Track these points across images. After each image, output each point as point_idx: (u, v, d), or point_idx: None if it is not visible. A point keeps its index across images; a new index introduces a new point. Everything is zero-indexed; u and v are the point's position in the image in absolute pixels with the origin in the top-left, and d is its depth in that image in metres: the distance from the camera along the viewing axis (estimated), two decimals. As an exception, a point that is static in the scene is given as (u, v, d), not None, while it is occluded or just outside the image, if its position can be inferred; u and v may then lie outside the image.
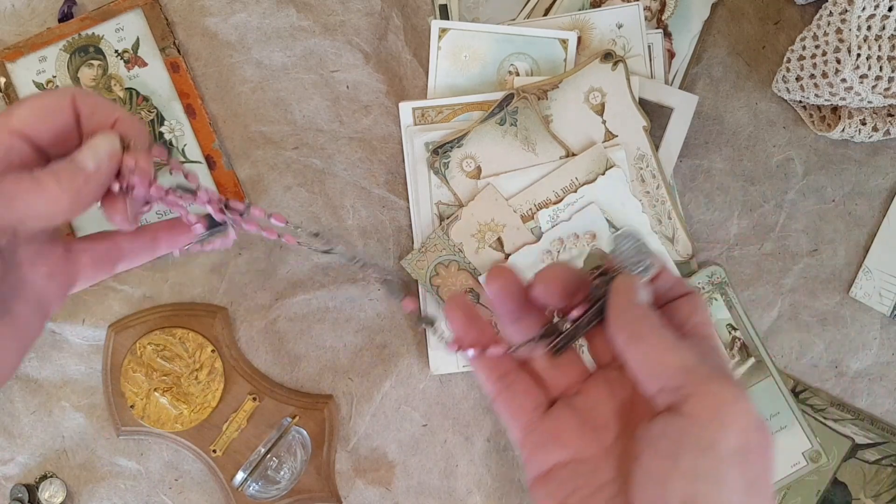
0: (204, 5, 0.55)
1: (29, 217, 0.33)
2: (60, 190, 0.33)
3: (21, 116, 0.34)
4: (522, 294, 0.36)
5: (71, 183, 0.34)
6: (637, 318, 0.31)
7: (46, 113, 0.35)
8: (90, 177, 0.34)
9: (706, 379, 0.28)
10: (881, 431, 0.55)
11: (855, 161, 0.57)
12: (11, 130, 0.34)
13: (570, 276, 0.36)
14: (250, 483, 0.49)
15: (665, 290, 0.34)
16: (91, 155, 0.35)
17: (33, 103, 0.34)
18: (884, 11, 0.47)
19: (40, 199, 0.33)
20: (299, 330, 0.55)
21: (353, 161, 0.55)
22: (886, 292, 0.56)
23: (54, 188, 0.33)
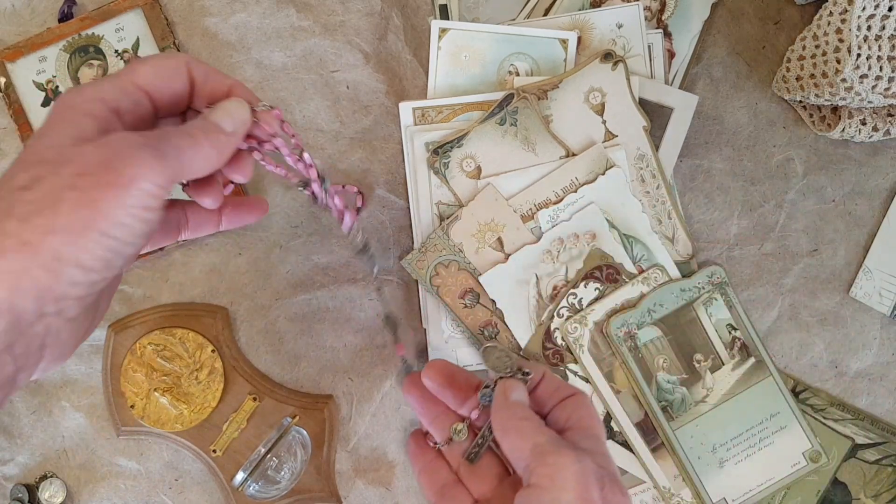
0: (204, 5, 0.55)
1: (188, 171, 0.35)
2: (211, 147, 0.35)
3: (145, 74, 0.35)
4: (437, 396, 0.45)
5: (217, 142, 0.36)
6: (508, 413, 0.38)
7: (167, 74, 0.36)
8: (229, 138, 0.36)
9: (548, 454, 0.35)
10: (881, 431, 0.55)
11: (855, 161, 0.57)
12: (137, 86, 0.35)
13: (454, 373, 0.44)
14: (250, 483, 0.49)
15: (552, 391, 0.41)
16: (228, 118, 0.36)
17: (155, 63, 0.35)
18: (884, 11, 0.47)
19: (198, 155, 0.34)
20: (299, 330, 0.55)
21: (354, 161, 0.55)
22: (886, 292, 0.56)
23: (207, 146, 0.35)
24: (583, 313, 0.53)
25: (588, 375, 0.53)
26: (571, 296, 0.53)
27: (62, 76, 0.54)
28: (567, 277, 0.53)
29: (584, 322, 0.53)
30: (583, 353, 0.53)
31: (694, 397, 0.54)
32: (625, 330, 0.53)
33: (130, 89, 0.34)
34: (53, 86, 0.54)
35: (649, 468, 0.53)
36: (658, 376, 0.53)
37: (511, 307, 0.53)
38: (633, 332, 0.53)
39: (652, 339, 0.53)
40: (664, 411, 0.53)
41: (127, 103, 0.34)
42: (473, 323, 0.53)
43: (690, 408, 0.53)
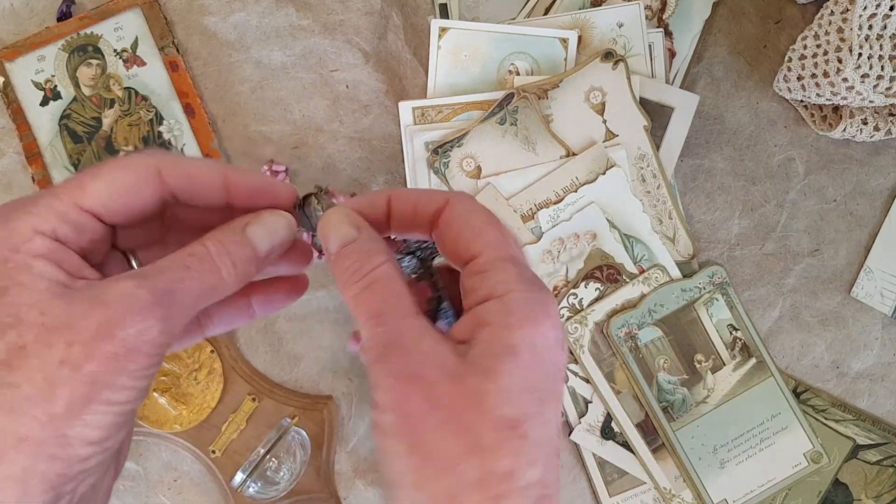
0: (203, 4, 0.55)
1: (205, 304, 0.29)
2: (234, 277, 0.30)
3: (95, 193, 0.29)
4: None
5: (244, 268, 0.30)
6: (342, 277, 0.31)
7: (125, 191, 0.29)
8: (260, 262, 0.31)
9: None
10: (882, 432, 0.55)
11: (856, 161, 0.57)
12: (82, 209, 0.29)
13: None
14: (249, 484, 0.49)
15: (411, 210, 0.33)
16: (267, 237, 0.31)
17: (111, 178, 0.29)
18: (885, 11, 0.47)
19: (212, 290, 0.29)
20: (299, 330, 0.54)
21: (353, 161, 0.55)
22: (888, 292, 0.56)
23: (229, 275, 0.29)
24: (583, 313, 0.53)
25: (588, 376, 0.53)
26: (572, 296, 0.53)
27: (61, 75, 0.54)
28: (567, 277, 0.53)
29: (584, 322, 0.53)
30: (583, 354, 0.53)
31: (695, 398, 0.53)
32: (625, 330, 0.53)
33: (71, 214, 0.28)
34: (52, 85, 0.54)
35: (650, 469, 0.53)
36: (659, 377, 0.53)
37: (511, 307, 0.53)
38: (634, 332, 0.53)
39: (653, 339, 0.53)
40: (665, 412, 0.53)
41: (66, 231, 0.28)
42: (473, 323, 0.53)
43: (691, 408, 0.53)
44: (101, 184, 0.29)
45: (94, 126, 0.54)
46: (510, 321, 0.29)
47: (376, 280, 0.29)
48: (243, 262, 0.30)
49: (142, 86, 0.54)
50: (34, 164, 0.53)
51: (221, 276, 0.29)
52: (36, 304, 0.26)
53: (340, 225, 0.31)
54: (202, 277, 0.29)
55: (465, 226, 0.31)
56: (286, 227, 0.32)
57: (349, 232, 0.30)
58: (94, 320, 0.26)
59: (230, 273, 0.29)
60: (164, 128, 0.54)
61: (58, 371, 0.26)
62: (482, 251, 0.30)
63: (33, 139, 0.53)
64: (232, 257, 0.30)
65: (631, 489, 0.54)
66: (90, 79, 0.54)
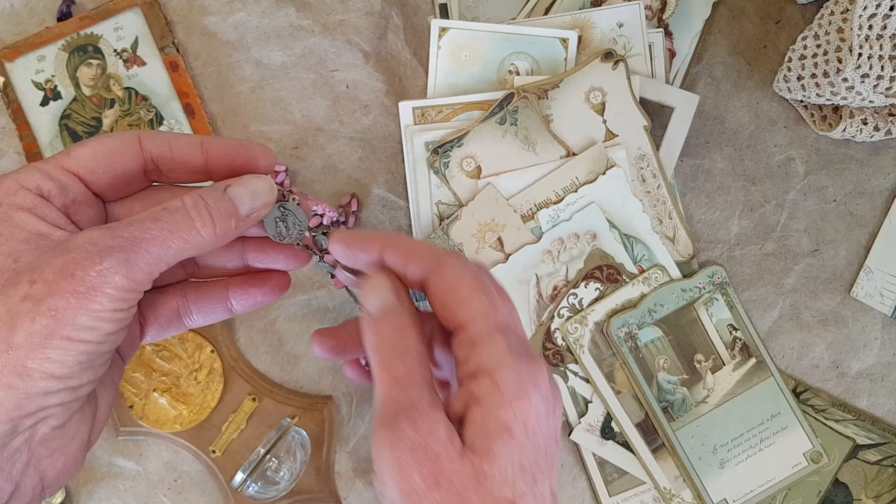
0: (203, 4, 0.55)
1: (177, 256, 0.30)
2: (212, 230, 0.31)
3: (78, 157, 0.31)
4: None
5: (224, 226, 0.31)
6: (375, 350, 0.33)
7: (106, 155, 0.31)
8: (241, 221, 0.32)
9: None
10: (882, 432, 0.55)
11: (856, 161, 0.57)
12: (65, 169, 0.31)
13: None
14: (249, 484, 0.49)
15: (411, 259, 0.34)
16: (249, 198, 0.32)
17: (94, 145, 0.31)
18: (885, 11, 0.47)
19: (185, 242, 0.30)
20: (299, 330, 0.54)
21: (353, 161, 0.55)
22: (887, 292, 0.56)
23: (206, 229, 0.31)
24: (583, 313, 0.53)
25: (588, 376, 0.53)
26: (572, 296, 0.53)
27: (61, 75, 0.54)
28: (567, 277, 0.53)
29: (584, 322, 0.53)
30: (583, 354, 0.53)
31: (695, 398, 0.53)
32: (625, 330, 0.53)
33: (56, 173, 0.30)
34: (52, 85, 0.54)
35: (650, 469, 0.53)
36: (659, 377, 0.53)
37: (511, 307, 0.53)
38: (634, 332, 0.53)
39: (653, 339, 0.53)
40: (665, 412, 0.53)
41: (50, 187, 0.30)
42: (473, 323, 0.53)
43: (691, 408, 0.53)
44: (86, 148, 0.31)
45: (94, 126, 0.54)
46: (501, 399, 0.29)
47: (407, 352, 0.31)
48: (222, 217, 0.31)
49: (142, 86, 0.54)
50: (34, 164, 0.53)
51: (196, 229, 0.30)
52: (11, 253, 0.28)
53: (386, 292, 0.32)
54: (172, 228, 0.30)
55: (453, 293, 0.31)
56: (267, 189, 0.33)
57: (393, 302, 0.32)
58: (58, 261, 0.28)
59: (207, 226, 0.30)
60: (164, 128, 0.54)
61: (20, 304, 0.27)
62: (471, 321, 0.31)
63: (33, 139, 0.53)
64: (210, 210, 0.31)
65: (631, 489, 0.54)
66: (90, 79, 0.54)
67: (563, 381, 0.54)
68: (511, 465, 0.29)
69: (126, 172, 0.32)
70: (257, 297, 0.36)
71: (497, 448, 0.29)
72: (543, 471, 0.30)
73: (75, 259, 0.28)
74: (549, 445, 0.31)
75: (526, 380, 0.30)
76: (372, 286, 0.33)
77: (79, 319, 0.28)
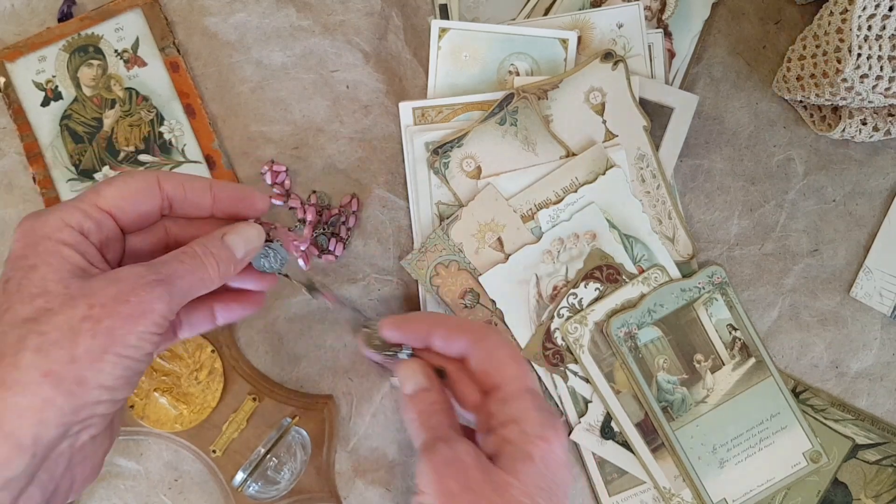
0: (204, 5, 0.55)
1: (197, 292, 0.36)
2: (217, 273, 0.36)
3: (108, 196, 0.35)
4: None
5: (225, 269, 0.37)
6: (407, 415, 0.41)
7: (132, 195, 0.36)
8: (237, 264, 0.38)
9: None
10: (882, 432, 0.55)
11: (855, 161, 0.57)
12: (100, 208, 0.35)
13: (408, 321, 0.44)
14: (250, 483, 0.49)
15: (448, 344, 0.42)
16: (242, 243, 0.38)
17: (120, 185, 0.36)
18: (884, 11, 0.47)
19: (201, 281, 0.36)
20: (299, 330, 0.55)
21: (353, 161, 0.55)
22: (887, 292, 0.56)
23: (213, 271, 0.36)
24: (583, 313, 0.53)
25: (588, 375, 0.53)
26: (572, 296, 0.53)
27: (61, 76, 0.54)
28: (567, 277, 0.53)
29: (584, 322, 0.53)
30: (583, 354, 0.53)
31: (694, 398, 0.54)
32: (625, 330, 0.53)
33: (92, 212, 0.35)
34: (53, 85, 0.54)
35: (649, 468, 0.53)
36: (658, 376, 0.53)
37: (511, 307, 0.53)
38: (634, 332, 0.53)
39: (652, 339, 0.53)
40: (664, 412, 0.53)
41: (90, 225, 0.34)
42: (473, 323, 0.53)
43: (691, 408, 0.53)
44: (114, 189, 0.35)
45: (94, 126, 0.54)
46: (528, 438, 0.37)
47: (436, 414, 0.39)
48: (224, 262, 0.37)
49: (142, 86, 0.54)
50: (35, 165, 0.53)
51: (208, 272, 0.36)
52: (61, 280, 0.32)
53: (419, 377, 0.41)
54: (193, 270, 0.35)
55: (492, 361, 0.39)
56: (257, 235, 0.39)
57: (425, 383, 0.40)
58: (112, 289, 0.32)
59: (214, 269, 0.36)
60: (164, 128, 0.54)
61: (81, 324, 0.31)
62: (505, 383, 0.38)
63: (34, 139, 0.53)
64: (216, 258, 0.37)
65: (631, 489, 0.54)
66: (91, 79, 0.54)
67: (563, 381, 0.54)
68: (532, 484, 0.35)
69: (147, 210, 0.37)
70: (237, 311, 0.42)
71: (520, 467, 0.36)
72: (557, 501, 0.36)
73: (128, 288, 0.33)
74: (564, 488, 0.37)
75: (549, 428, 0.37)
76: (407, 372, 0.41)
77: (129, 339, 0.32)
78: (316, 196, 0.54)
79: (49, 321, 0.31)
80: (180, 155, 0.54)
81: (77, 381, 0.31)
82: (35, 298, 0.32)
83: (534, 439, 0.37)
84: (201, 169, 0.54)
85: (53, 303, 0.32)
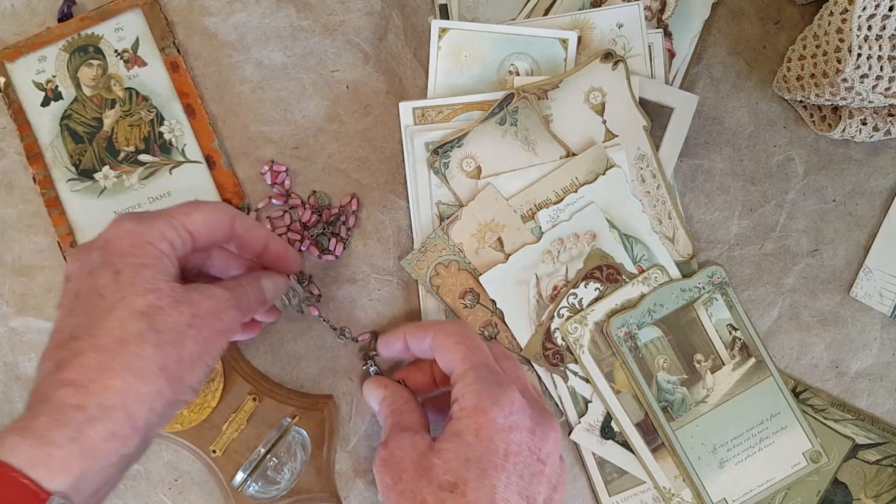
0: (204, 5, 0.55)
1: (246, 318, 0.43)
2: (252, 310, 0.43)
3: (197, 221, 0.40)
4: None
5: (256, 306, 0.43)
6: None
7: (214, 225, 0.41)
8: (265, 304, 0.44)
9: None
10: (882, 432, 0.55)
11: (855, 161, 0.57)
12: (188, 229, 0.40)
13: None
14: (250, 483, 0.49)
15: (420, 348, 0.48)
16: (272, 290, 0.45)
17: (207, 213, 0.41)
18: (884, 11, 0.47)
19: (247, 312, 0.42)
20: (299, 330, 0.55)
21: (353, 161, 0.55)
22: (887, 292, 0.56)
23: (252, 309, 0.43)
24: (583, 313, 0.53)
25: (588, 375, 0.53)
26: (572, 296, 0.53)
27: (62, 76, 0.54)
28: (567, 277, 0.53)
29: (584, 322, 0.53)
30: (583, 353, 0.53)
31: (694, 397, 0.54)
32: (625, 330, 0.53)
33: (182, 231, 0.39)
34: (53, 85, 0.54)
35: (650, 468, 0.53)
36: (658, 376, 0.53)
37: (511, 307, 0.53)
38: (634, 332, 0.53)
39: (652, 339, 0.53)
40: (664, 411, 0.53)
41: (179, 242, 0.39)
42: (473, 323, 0.53)
43: (691, 408, 0.53)
44: (201, 215, 0.41)
45: (94, 126, 0.54)
46: (461, 414, 0.40)
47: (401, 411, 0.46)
48: (257, 300, 0.43)
49: (142, 86, 0.54)
50: (35, 165, 0.53)
51: (251, 305, 0.42)
52: (166, 282, 0.37)
53: (376, 389, 0.48)
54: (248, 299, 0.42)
55: (442, 350, 0.44)
56: (285, 284, 0.48)
57: (382, 392, 0.48)
58: (208, 304, 0.38)
59: (251, 304, 0.43)
60: (164, 128, 0.54)
61: (186, 329, 0.37)
62: (452, 367, 0.43)
63: (34, 139, 0.53)
64: (255, 294, 0.43)
65: (631, 489, 0.54)
66: (91, 79, 0.54)
67: (563, 381, 0.54)
68: (456, 459, 0.39)
69: (218, 239, 0.42)
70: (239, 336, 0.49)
71: (444, 446, 0.39)
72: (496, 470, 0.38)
73: (221, 306, 0.39)
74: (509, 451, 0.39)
75: (484, 398, 0.40)
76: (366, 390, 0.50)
77: (215, 350, 0.39)
78: (316, 196, 0.54)
79: (163, 320, 0.36)
80: (180, 155, 0.54)
81: (179, 379, 0.36)
82: (148, 293, 0.36)
83: (468, 414, 0.40)
84: (201, 169, 0.54)
85: (163, 301, 0.36)
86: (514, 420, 0.40)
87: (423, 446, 0.40)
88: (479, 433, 0.39)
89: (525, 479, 0.39)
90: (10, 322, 0.53)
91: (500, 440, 0.39)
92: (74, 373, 0.34)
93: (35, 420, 0.33)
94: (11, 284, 0.53)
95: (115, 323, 0.35)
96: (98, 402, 0.34)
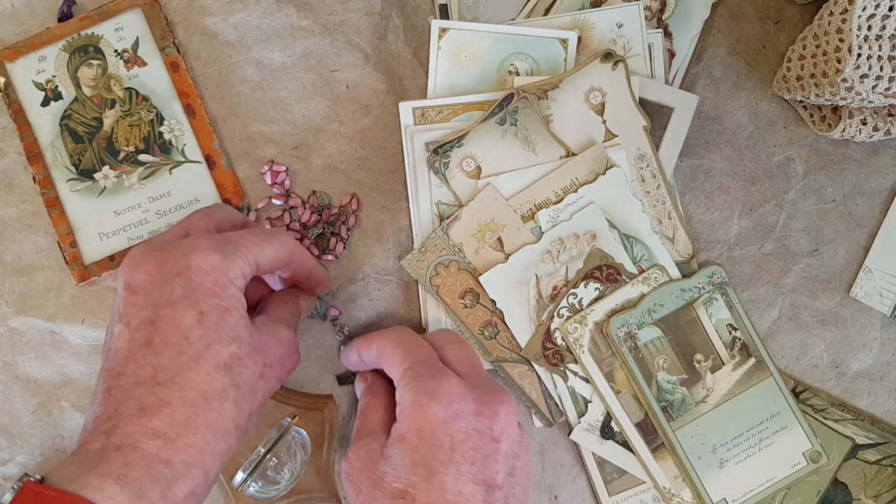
0: (204, 5, 0.55)
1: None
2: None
3: (267, 255, 0.41)
4: None
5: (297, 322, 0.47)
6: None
7: (281, 259, 0.43)
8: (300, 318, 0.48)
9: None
10: (882, 432, 0.55)
11: (855, 161, 0.57)
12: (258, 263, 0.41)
13: None
14: (250, 483, 0.49)
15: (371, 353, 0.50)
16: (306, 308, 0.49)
17: (277, 248, 0.42)
18: (884, 11, 0.47)
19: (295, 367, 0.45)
20: (299, 330, 0.55)
21: (353, 161, 0.55)
22: (887, 292, 0.56)
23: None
24: (583, 313, 0.53)
25: (588, 375, 0.53)
26: (571, 296, 0.53)
27: (62, 76, 0.54)
28: (567, 277, 0.53)
29: (584, 322, 0.53)
30: (583, 353, 0.53)
31: (694, 397, 0.54)
32: (625, 330, 0.53)
33: (253, 267, 0.40)
34: (53, 85, 0.54)
35: (649, 468, 0.53)
36: (658, 376, 0.53)
37: (511, 307, 0.53)
38: (634, 332, 0.53)
39: (652, 339, 0.53)
40: (664, 411, 0.53)
41: (249, 277, 0.40)
42: (473, 323, 0.53)
43: (691, 408, 0.53)
44: (272, 251, 0.42)
45: (94, 126, 0.54)
46: (401, 416, 0.41)
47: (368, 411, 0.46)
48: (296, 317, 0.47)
49: (142, 86, 0.54)
50: (35, 165, 0.53)
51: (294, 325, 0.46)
52: (246, 328, 0.39)
53: (359, 384, 0.50)
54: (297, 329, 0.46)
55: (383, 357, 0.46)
56: (314, 303, 0.51)
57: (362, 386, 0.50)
58: (276, 351, 0.41)
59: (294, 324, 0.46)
60: (164, 128, 0.54)
61: (258, 381, 0.39)
62: (393, 371, 0.44)
63: (34, 139, 0.53)
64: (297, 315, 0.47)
65: (630, 488, 0.54)
66: (91, 79, 0.54)
67: (563, 381, 0.54)
68: (403, 464, 0.39)
69: (277, 269, 0.44)
70: None
71: (390, 452, 0.40)
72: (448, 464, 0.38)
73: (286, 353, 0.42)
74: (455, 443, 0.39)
75: (421, 395, 0.40)
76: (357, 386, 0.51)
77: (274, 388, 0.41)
78: (316, 196, 0.54)
79: (241, 373, 0.37)
80: (180, 155, 0.54)
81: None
82: (231, 343, 0.37)
83: (408, 415, 0.40)
84: (201, 169, 0.54)
85: (242, 351, 0.38)
86: (455, 408, 0.40)
87: (376, 453, 0.41)
88: (422, 432, 0.39)
89: (478, 464, 0.39)
90: (10, 322, 0.53)
91: (443, 433, 0.39)
92: (163, 424, 0.34)
93: (131, 470, 0.33)
94: (11, 284, 0.53)
95: (202, 376, 0.36)
96: (182, 458, 0.34)
